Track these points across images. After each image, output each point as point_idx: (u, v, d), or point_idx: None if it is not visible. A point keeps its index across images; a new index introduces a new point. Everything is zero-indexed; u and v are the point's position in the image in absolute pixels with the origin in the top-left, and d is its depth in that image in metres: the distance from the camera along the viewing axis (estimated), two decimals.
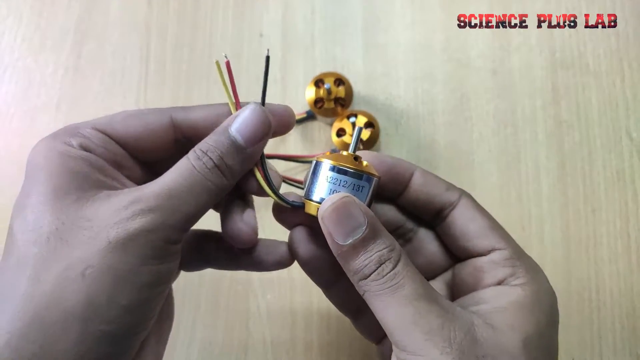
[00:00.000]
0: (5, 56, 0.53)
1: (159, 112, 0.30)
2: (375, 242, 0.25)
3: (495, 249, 0.28)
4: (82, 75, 0.52)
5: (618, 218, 0.45)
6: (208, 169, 0.27)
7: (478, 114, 0.48)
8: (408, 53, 0.50)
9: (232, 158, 0.28)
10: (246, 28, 0.52)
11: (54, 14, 0.54)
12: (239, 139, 0.28)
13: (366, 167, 0.28)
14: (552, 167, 0.47)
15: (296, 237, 0.31)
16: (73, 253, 0.24)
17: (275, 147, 0.48)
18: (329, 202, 0.26)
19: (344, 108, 0.47)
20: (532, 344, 0.25)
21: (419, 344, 0.24)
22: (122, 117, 0.29)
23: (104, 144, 0.28)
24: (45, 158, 0.26)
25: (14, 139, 0.51)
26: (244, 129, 0.28)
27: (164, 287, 0.27)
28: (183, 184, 0.26)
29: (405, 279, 0.25)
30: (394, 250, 0.25)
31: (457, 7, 0.51)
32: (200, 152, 0.27)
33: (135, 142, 0.29)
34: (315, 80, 0.47)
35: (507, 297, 0.26)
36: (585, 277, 0.44)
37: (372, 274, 0.25)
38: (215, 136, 0.28)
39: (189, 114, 0.30)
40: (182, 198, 0.26)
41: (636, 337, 0.43)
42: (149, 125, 0.29)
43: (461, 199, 0.30)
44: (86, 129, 0.28)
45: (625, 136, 0.47)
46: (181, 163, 0.27)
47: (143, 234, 0.25)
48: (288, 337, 0.44)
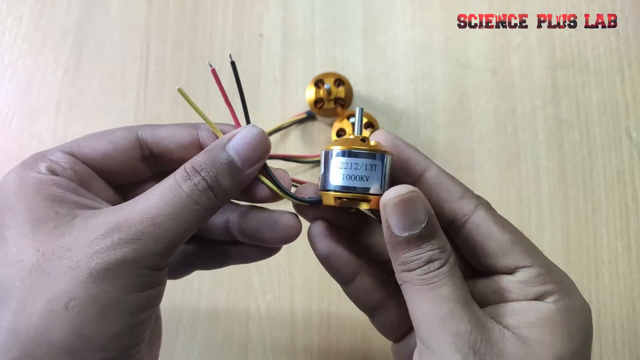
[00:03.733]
0: (5, 56, 0.53)
1: (126, 129, 0.29)
2: (429, 241, 0.25)
3: (521, 267, 0.26)
4: (82, 75, 0.52)
5: (618, 218, 0.45)
6: (199, 191, 0.25)
7: (478, 113, 0.48)
8: (408, 53, 0.50)
9: (227, 179, 0.26)
10: (246, 28, 0.52)
11: (54, 14, 0.54)
12: (237, 158, 0.27)
13: (376, 146, 0.27)
14: (552, 166, 0.47)
15: (315, 232, 0.29)
16: (56, 285, 0.23)
17: (275, 147, 0.48)
18: (394, 192, 0.25)
19: (344, 108, 0.47)
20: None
21: (444, 344, 0.23)
22: (89, 137, 0.29)
23: (72, 166, 0.28)
24: (20, 187, 0.26)
25: (13, 139, 0.51)
26: (242, 149, 0.27)
27: (153, 309, 0.26)
28: (168, 210, 0.25)
29: (446, 280, 0.24)
30: (445, 251, 0.25)
31: (457, 7, 0.51)
32: (191, 170, 0.26)
33: (103, 161, 0.29)
34: (315, 80, 0.47)
35: (538, 312, 0.25)
36: (585, 278, 0.44)
37: (418, 268, 0.25)
38: (209, 153, 0.26)
39: (157, 132, 0.29)
40: (167, 226, 0.25)
41: (636, 337, 0.43)
42: (114, 142, 0.29)
43: (477, 210, 0.27)
44: (53, 153, 0.28)
45: (625, 136, 0.47)
46: (167, 184, 0.26)
47: (125, 265, 0.24)
48: (288, 337, 0.44)
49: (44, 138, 0.50)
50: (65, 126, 0.51)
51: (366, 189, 0.26)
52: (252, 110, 0.50)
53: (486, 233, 0.27)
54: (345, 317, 0.44)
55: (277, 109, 0.50)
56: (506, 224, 0.27)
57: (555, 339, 0.24)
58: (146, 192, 0.26)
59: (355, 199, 0.26)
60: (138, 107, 0.51)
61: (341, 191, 0.26)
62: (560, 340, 0.24)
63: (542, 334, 0.24)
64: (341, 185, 0.26)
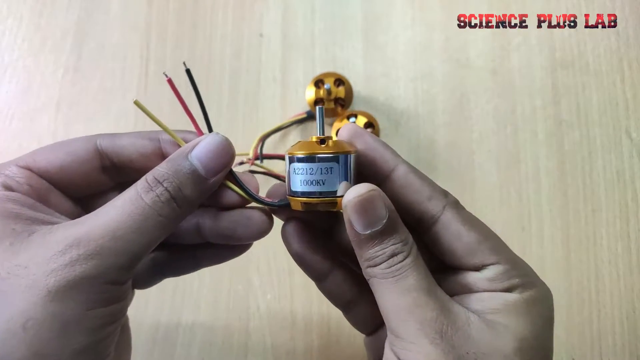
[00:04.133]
0: (6, 56, 0.53)
1: (83, 139, 0.28)
2: (391, 235, 0.25)
3: (487, 265, 0.27)
4: (82, 75, 0.52)
5: (618, 218, 0.45)
6: (162, 202, 0.25)
7: (478, 114, 0.48)
8: (408, 53, 0.50)
9: (191, 189, 0.26)
10: (246, 28, 0.52)
11: (54, 14, 0.54)
12: (200, 168, 0.26)
13: (333, 147, 0.26)
14: (552, 167, 0.47)
15: (288, 231, 0.30)
16: (12, 305, 0.22)
17: (275, 147, 0.48)
18: (354, 193, 0.25)
19: (344, 108, 0.47)
20: (527, 345, 0.25)
21: (411, 331, 0.24)
22: (45, 149, 0.28)
23: (28, 181, 0.27)
24: None
25: (13, 139, 0.51)
26: (205, 157, 0.26)
27: (117, 324, 0.26)
28: (129, 222, 0.24)
29: (410, 271, 0.25)
30: (407, 244, 0.26)
31: (457, 7, 0.51)
32: (152, 181, 0.25)
33: (60, 173, 0.28)
34: (315, 80, 0.47)
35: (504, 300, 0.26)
36: (585, 278, 0.44)
37: (382, 263, 0.25)
38: (171, 163, 0.26)
39: (116, 141, 0.28)
40: (129, 239, 0.24)
41: (636, 338, 0.43)
42: (72, 153, 0.28)
43: (445, 210, 0.27)
44: (8, 167, 0.27)
45: (625, 136, 0.47)
46: (128, 195, 0.25)
47: (85, 281, 0.23)
48: (288, 337, 0.44)
49: (43, 138, 0.50)
50: (65, 126, 0.51)
51: (327, 192, 0.26)
52: (252, 111, 0.50)
53: (454, 233, 0.27)
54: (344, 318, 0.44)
55: (277, 108, 0.50)
56: (474, 223, 0.28)
57: (519, 323, 0.25)
58: (106, 204, 0.25)
59: (321, 202, 0.26)
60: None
61: (304, 196, 0.26)
62: (524, 324, 0.25)
63: (507, 319, 0.25)
64: (301, 191, 0.26)
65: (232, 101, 0.50)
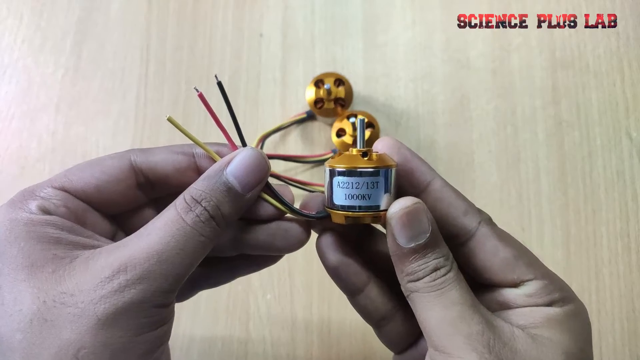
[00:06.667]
0: (6, 56, 0.53)
1: (117, 157, 0.28)
2: (434, 250, 0.25)
3: (525, 281, 0.27)
4: (82, 75, 0.52)
5: (618, 218, 0.45)
6: (202, 222, 0.25)
7: (478, 114, 0.48)
8: (408, 53, 0.50)
9: (228, 207, 0.26)
10: (246, 28, 0.52)
11: (54, 14, 0.54)
12: (236, 184, 0.26)
13: (377, 161, 0.26)
14: (552, 167, 0.47)
15: (324, 244, 0.29)
16: (61, 335, 0.22)
17: (275, 147, 0.48)
18: (399, 205, 0.25)
19: (344, 108, 0.47)
20: (573, 357, 0.25)
21: (458, 346, 0.24)
22: (78, 168, 0.27)
23: (65, 202, 0.26)
24: (10, 230, 0.24)
25: (13, 139, 0.51)
26: (241, 173, 0.26)
27: (164, 346, 0.26)
28: (173, 244, 0.24)
29: (453, 284, 0.25)
30: (448, 259, 0.26)
31: (457, 7, 0.51)
32: (191, 201, 0.25)
33: (96, 193, 0.27)
34: (315, 80, 0.47)
35: (545, 314, 0.26)
36: (585, 278, 0.44)
37: (425, 277, 0.25)
38: (208, 181, 0.26)
39: (149, 157, 0.28)
40: (173, 261, 0.24)
41: (636, 337, 0.43)
42: (107, 172, 0.27)
43: (480, 226, 0.27)
44: (43, 189, 0.26)
45: (625, 136, 0.47)
46: (168, 217, 0.25)
47: (134, 307, 0.23)
48: (288, 337, 0.44)
49: (43, 138, 0.50)
50: (65, 126, 0.51)
51: (371, 206, 0.26)
52: (252, 111, 0.50)
53: (490, 249, 0.27)
54: (345, 318, 0.44)
55: (277, 109, 0.50)
56: (508, 239, 0.27)
57: (564, 336, 0.25)
58: (147, 225, 0.25)
59: (365, 216, 0.26)
60: (138, 107, 0.51)
61: (347, 210, 0.26)
62: (568, 338, 0.25)
63: (551, 333, 0.25)
64: (346, 205, 0.26)
65: (233, 101, 0.50)
